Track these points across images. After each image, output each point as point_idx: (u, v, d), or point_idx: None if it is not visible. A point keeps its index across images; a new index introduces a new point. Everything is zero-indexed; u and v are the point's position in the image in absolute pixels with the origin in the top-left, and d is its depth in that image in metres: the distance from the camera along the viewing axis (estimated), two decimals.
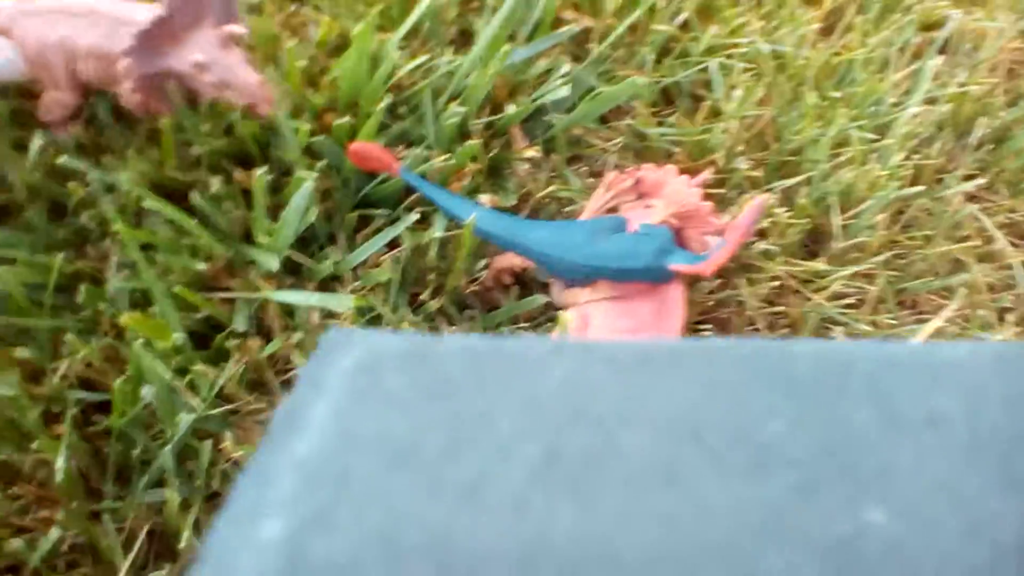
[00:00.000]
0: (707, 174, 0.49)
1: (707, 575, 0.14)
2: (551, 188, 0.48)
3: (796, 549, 0.14)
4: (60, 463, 0.36)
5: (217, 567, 0.15)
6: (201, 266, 0.43)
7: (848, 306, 0.48)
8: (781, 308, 0.48)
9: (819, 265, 0.47)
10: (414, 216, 0.45)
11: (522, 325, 0.46)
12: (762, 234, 0.48)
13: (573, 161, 0.51)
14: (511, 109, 0.49)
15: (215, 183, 0.45)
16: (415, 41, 0.51)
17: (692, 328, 0.47)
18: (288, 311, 0.44)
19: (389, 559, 0.15)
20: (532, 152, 0.48)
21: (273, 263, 0.43)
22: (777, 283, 0.48)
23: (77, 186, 0.45)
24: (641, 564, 0.14)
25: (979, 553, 0.14)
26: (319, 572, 0.15)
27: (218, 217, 0.45)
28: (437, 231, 0.43)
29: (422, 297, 0.45)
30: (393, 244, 0.45)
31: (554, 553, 0.15)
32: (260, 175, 0.43)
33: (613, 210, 0.48)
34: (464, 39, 0.53)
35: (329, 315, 0.44)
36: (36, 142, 0.46)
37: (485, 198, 0.47)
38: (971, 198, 0.52)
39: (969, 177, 0.52)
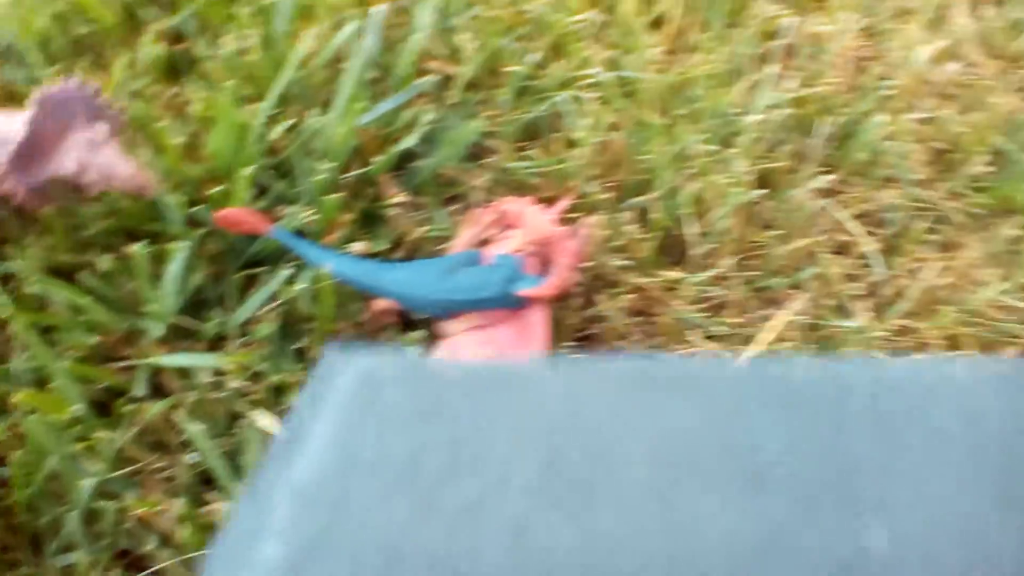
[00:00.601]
0: (566, 201, 0.52)
1: None
2: (423, 229, 0.52)
3: (796, 569, 0.14)
4: None
5: None
6: (95, 340, 0.47)
7: (710, 309, 0.51)
8: (646, 318, 0.51)
9: (673, 274, 0.51)
10: (287, 271, 0.48)
11: None
12: (620, 250, 0.51)
13: (448, 202, 0.54)
14: (380, 159, 0.52)
15: (105, 261, 0.49)
16: (291, 106, 0.55)
17: (567, 345, 0.50)
18: (184, 373, 0.48)
19: None
20: (400, 198, 0.52)
21: (158, 329, 0.47)
22: (639, 295, 0.51)
23: None
24: None
25: (978, 571, 0.14)
26: None
27: (109, 292, 0.49)
28: (303, 283, 0.46)
29: (304, 346, 0.48)
30: (276, 299, 0.49)
31: (554, 573, 0.15)
32: (139, 249, 0.47)
33: (484, 243, 0.51)
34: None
35: (218, 372, 0.47)
36: None
37: (358, 246, 0.50)
38: (827, 193, 0.56)
39: (821, 174, 0.55)
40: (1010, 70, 0.60)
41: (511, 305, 0.47)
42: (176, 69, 0.59)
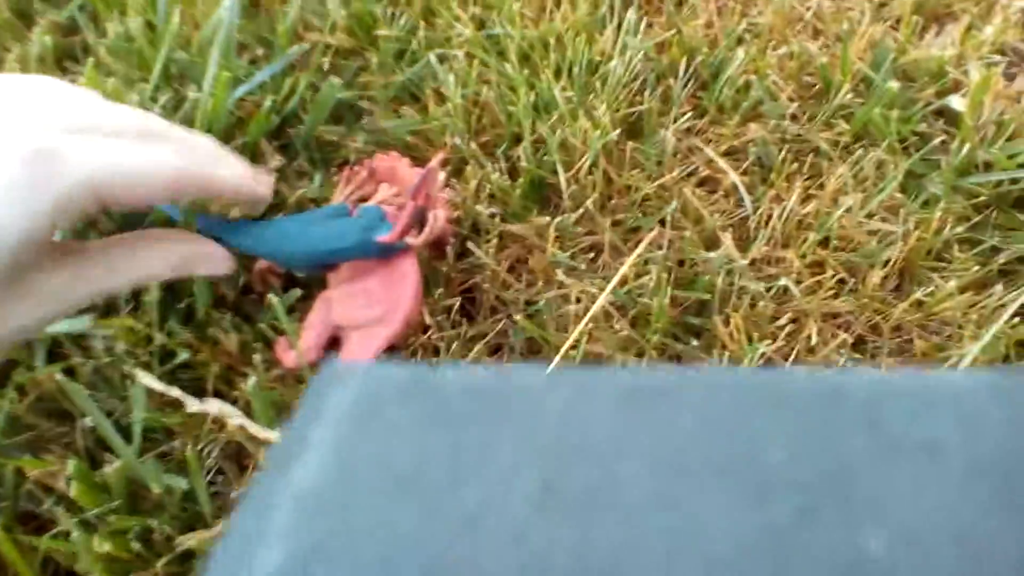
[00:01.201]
0: (438, 156, 0.54)
1: None
2: (301, 192, 0.54)
3: (796, 575, 0.14)
4: None
5: None
6: None
7: (580, 250, 0.54)
8: (522, 263, 0.53)
9: (542, 219, 0.53)
10: None
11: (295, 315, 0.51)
12: (491, 200, 0.54)
13: (328, 164, 0.57)
14: (254, 127, 0.54)
15: None
16: (174, 85, 0.57)
17: (451, 300, 0.52)
18: (79, 342, 0.51)
19: None
20: (276, 162, 0.54)
21: None
22: (517, 244, 0.53)
23: None
24: None
25: None
26: None
27: None
28: None
29: (188, 306, 0.51)
30: None
31: None
32: None
33: (362, 200, 0.53)
34: None
35: (109, 339, 0.50)
36: None
37: (236, 211, 0.52)
38: (694, 133, 0.57)
39: (687, 114, 0.57)
40: (876, 1, 0.62)
41: (376, 254, 0.49)
42: (73, 58, 0.61)
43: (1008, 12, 0.59)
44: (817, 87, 0.59)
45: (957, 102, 0.56)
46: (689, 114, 0.56)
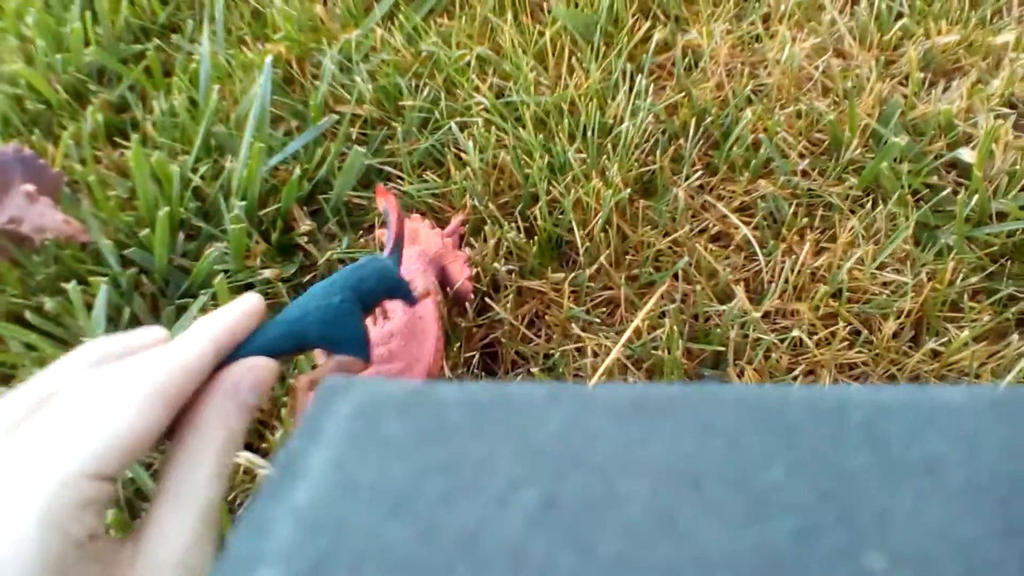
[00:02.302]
0: (458, 217, 0.57)
1: None
2: (329, 252, 0.57)
3: None
4: None
5: None
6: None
7: (595, 305, 0.55)
8: (538, 319, 0.55)
9: (559, 275, 0.54)
10: (204, 298, 0.54)
11: None
12: (509, 258, 0.56)
13: (356, 227, 0.60)
14: (287, 194, 0.58)
15: (50, 303, 0.55)
16: (214, 156, 0.61)
17: (475, 349, 0.54)
18: None
19: None
20: (306, 226, 0.57)
21: None
22: (535, 299, 0.55)
23: None
24: None
25: None
26: None
27: (56, 329, 0.55)
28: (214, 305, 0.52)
29: None
30: None
31: None
32: (72, 288, 0.53)
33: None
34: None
35: None
36: None
37: (268, 272, 0.56)
38: (706, 190, 0.59)
39: (699, 173, 0.59)
40: (882, 58, 0.63)
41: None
42: (123, 134, 0.66)
43: (1016, 65, 0.60)
44: (827, 143, 0.60)
45: (967, 154, 0.57)
46: (700, 172, 0.58)
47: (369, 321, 0.52)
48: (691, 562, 0.15)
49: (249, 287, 0.55)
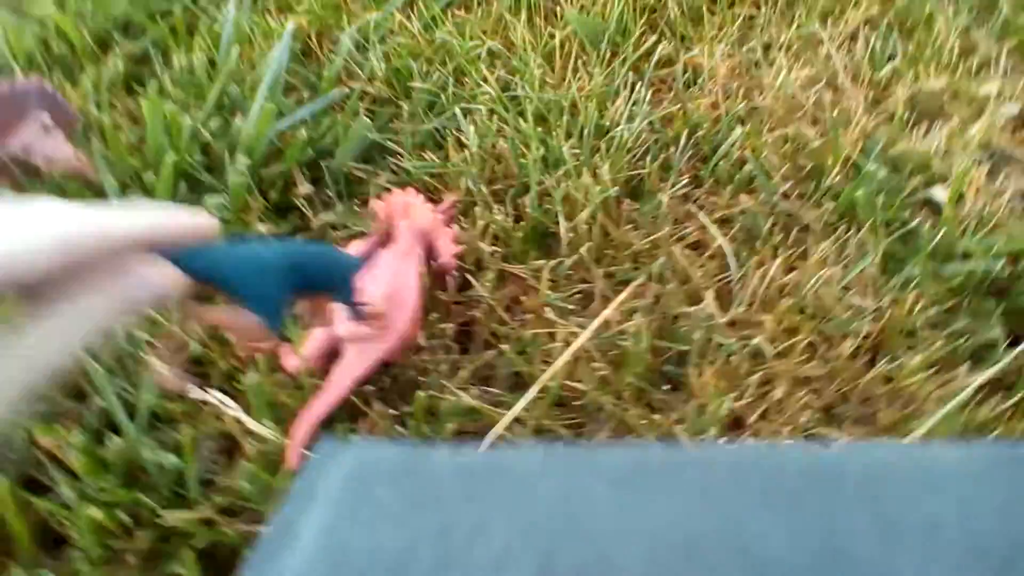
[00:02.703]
0: (451, 197, 0.60)
1: None
2: (325, 218, 0.59)
3: None
4: None
5: None
6: None
7: (572, 294, 0.58)
8: (515, 302, 0.58)
9: (539, 262, 0.57)
10: None
11: None
12: (494, 240, 0.58)
13: (352, 196, 0.62)
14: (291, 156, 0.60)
15: None
16: (225, 113, 0.64)
17: (449, 329, 0.56)
18: None
19: None
20: (305, 190, 0.60)
21: None
22: (514, 283, 0.58)
23: None
24: None
25: None
26: None
27: None
28: None
29: None
30: None
31: None
32: None
33: (388, 236, 0.58)
34: None
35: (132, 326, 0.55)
36: None
37: (263, 228, 0.58)
38: (691, 200, 0.62)
39: (685, 182, 0.61)
40: (871, 95, 0.66)
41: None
42: (140, 83, 0.69)
43: (995, 116, 0.63)
44: (810, 169, 0.63)
45: (940, 193, 0.60)
46: (687, 182, 0.61)
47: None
48: None
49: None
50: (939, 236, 0.57)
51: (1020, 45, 0.68)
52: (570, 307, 0.56)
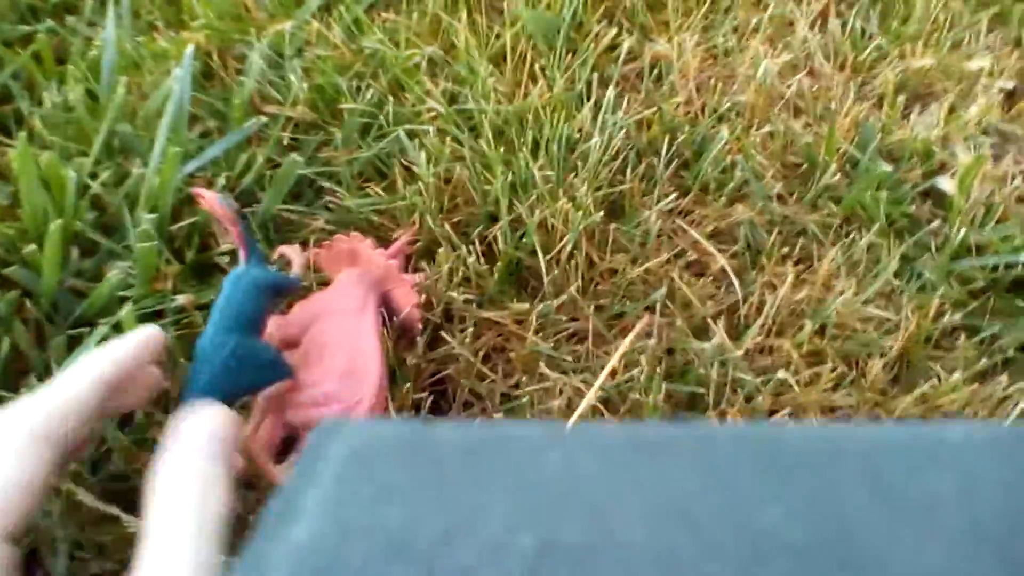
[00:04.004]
0: (405, 237, 0.50)
1: None
2: None
3: None
4: None
5: None
6: None
7: (563, 339, 0.49)
8: (500, 354, 0.49)
9: (522, 306, 0.49)
10: (104, 329, 0.45)
11: None
12: (466, 285, 0.49)
13: (284, 244, 0.52)
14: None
15: None
16: (117, 159, 0.53)
17: (420, 392, 0.47)
18: None
19: None
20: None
21: None
22: (494, 331, 0.49)
23: None
24: None
25: None
26: None
27: None
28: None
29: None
30: None
31: None
32: None
33: (326, 284, 0.49)
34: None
35: None
36: None
37: (182, 298, 0.47)
38: (678, 214, 0.54)
39: (670, 194, 0.54)
40: (857, 79, 0.60)
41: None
42: (4, 130, 0.56)
43: (990, 93, 0.58)
44: (802, 167, 0.57)
45: (946, 184, 0.55)
46: (673, 194, 0.54)
47: (305, 361, 0.45)
48: None
49: (159, 316, 0.47)
50: (953, 231, 0.52)
51: (1002, 13, 0.63)
52: (564, 356, 0.48)
